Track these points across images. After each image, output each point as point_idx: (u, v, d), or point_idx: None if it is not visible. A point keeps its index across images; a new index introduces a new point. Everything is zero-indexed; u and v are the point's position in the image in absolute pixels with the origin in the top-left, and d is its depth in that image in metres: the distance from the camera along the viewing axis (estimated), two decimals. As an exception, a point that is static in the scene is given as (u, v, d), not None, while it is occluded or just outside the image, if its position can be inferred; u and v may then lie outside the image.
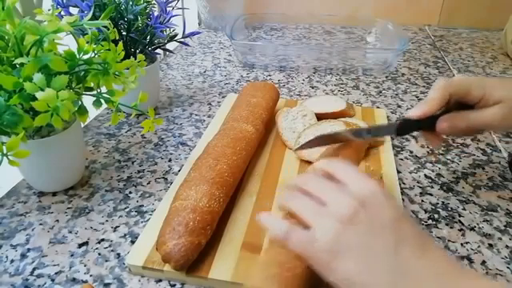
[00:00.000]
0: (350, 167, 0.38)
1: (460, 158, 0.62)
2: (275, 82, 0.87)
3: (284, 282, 0.34)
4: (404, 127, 0.47)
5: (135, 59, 0.52)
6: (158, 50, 0.71)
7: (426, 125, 0.47)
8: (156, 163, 0.60)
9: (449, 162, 0.61)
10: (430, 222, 0.50)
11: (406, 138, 0.67)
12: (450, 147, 0.65)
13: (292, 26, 1.22)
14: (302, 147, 0.51)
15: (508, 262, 0.45)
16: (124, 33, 0.64)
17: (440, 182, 0.57)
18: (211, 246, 0.44)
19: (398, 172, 0.58)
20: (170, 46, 0.73)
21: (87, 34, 0.48)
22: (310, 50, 1.01)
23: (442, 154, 0.63)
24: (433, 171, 0.59)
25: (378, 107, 0.77)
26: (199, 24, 1.25)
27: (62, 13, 0.59)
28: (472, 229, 0.49)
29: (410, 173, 0.59)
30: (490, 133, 0.69)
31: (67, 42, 0.46)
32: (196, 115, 0.73)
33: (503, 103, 0.45)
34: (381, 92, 0.83)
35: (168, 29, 0.68)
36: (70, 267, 0.43)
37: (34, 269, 0.43)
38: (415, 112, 0.46)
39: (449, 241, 0.47)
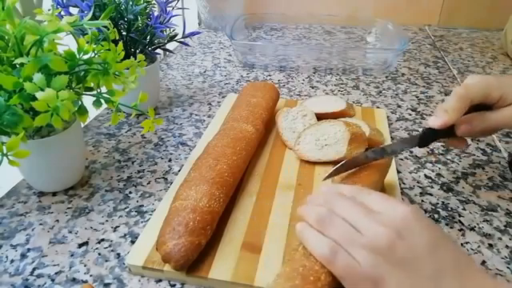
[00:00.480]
0: (378, 195, 0.37)
1: (460, 158, 0.62)
2: (275, 82, 0.87)
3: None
4: (425, 138, 0.48)
5: (135, 59, 0.52)
6: (158, 50, 0.71)
7: (445, 131, 0.47)
8: (156, 163, 0.60)
9: (449, 161, 0.61)
10: (430, 222, 0.50)
11: (406, 138, 0.67)
12: (450, 147, 0.65)
13: (292, 26, 1.22)
14: (330, 176, 0.49)
15: (508, 262, 0.45)
16: (124, 33, 0.64)
17: (440, 182, 0.57)
18: (211, 246, 0.44)
19: (398, 172, 0.58)
20: (170, 46, 0.73)
21: (87, 34, 0.48)
22: (310, 50, 1.01)
23: (441, 154, 0.63)
24: (433, 171, 0.59)
25: (377, 107, 0.77)
26: (199, 24, 1.25)
27: (62, 13, 0.59)
28: (472, 229, 0.49)
29: (410, 173, 0.59)
30: (490, 133, 0.69)
31: (67, 42, 0.46)
32: (196, 115, 0.73)
33: None
34: (381, 92, 0.83)
35: (168, 29, 0.68)
36: (70, 267, 0.43)
37: (34, 269, 0.43)
38: (436, 122, 0.45)
39: (449, 241, 0.47)
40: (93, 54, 0.47)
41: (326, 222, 0.36)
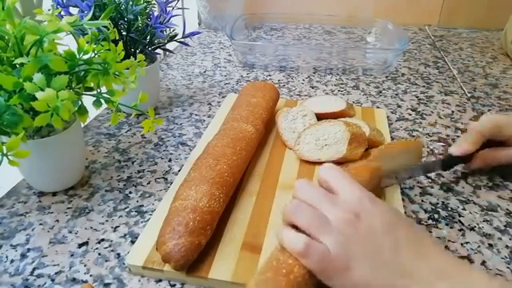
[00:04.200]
0: (339, 174, 0.40)
1: (460, 158, 0.62)
2: (275, 82, 0.87)
3: (277, 286, 0.34)
4: (447, 163, 0.56)
5: (135, 59, 0.52)
6: (158, 50, 0.71)
7: (463, 159, 0.56)
8: (156, 163, 0.60)
9: (449, 162, 0.61)
10: (430, 221, 0.50)
11: (405, 138, 0.67)
12: (450, 147, 0.64)
13: (292, 26, 1.22)
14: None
15: (508, 262, 0.45)
16: (124, 33, 0.64)
17: (440, 182, 0.57)
18: (211, 246, 0.44)
19: (398, 172, 0.58)
20: (170, 46, 0.73)
21: (87, 33, 0.48)
22: (310, 50, 1.01)
23: (441, 154, 0.63)
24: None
25: (378, 107, 0.77)
26: (199, 24, 1.25)
27: (62, 13, 0.59)
28: (472, 229, 0.49)
29: (410, 173, 0.59)
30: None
31: (67, 42, 0.46)
32: (196, 115, 0.73)
33: None
34: (381, 92, 0.83)
35: (168, 29, 0.68)
36: (70, 267, 0.43)
37: (34, 269, 0.43)
38: (457, 150, 0.55)
39: (449, 241, 0.47)
40: (93, 54, 0.47)
41: (295, 213, 0.38)
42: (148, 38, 0.67)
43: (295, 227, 0.37)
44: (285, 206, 0.39)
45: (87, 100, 0.49)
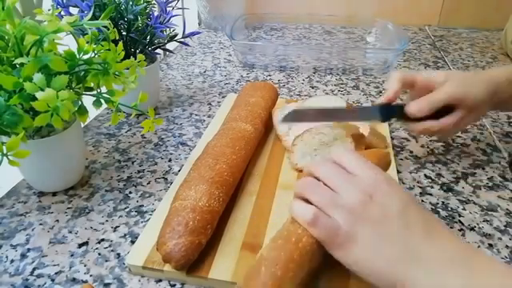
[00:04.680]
0: (355, 156, 0.41)
1: (460, 158, 0.62)
2: (275, 82, 0.87)
3: (287, 252, 0.35)
4: (384, 112, 0.56)
5: (135, 59, 0.52)
6: (158, 50, 0.71)
7: (400, 112, 0.56)
8: (156, 163, 0.60)
9: (449, 162, 0.61)
10: (430, 221, 0.50)
11: (405, 138, 0.67)
12: (450, 147, 0.65)
13: (292, 26, 1.22)
14: (286, 119, 0.55)
15: (508, 262, 0.45)
16: (124, 33, 0.64)
17: (440, 182, 0.57)
18: (211, 246, 0.44)
19: (398, 172, 0.58)
20: (170, 46, 0.73)
21: (87, 33, 0.48)
22: (310, 50, 1.01)
23: (441, 154, 0.63)
24: (433, 171, 0.59)
25: (377, 107, 0.77)
26: (199, 24, 1.25)
27: (62, 13, 0.59)
28: (472, 229, 0.49)
29: (410, 173, 0.59)
30: (489, 133, 0.69)
31: (67, 42, 0.46)
32: (196, 115, 0.73)
33: (450, 80, 0.54)
34: (381, 92, 0.83)
35: (168, 29, 0.68)
36: (70, 267, 0.43)
37: (34, 269, 0.43)
38: (381, 99, 0.57)
39: (449, 241, 0.47)
40: (93, 54, 0.47)
41: (309, 189, 0.39)
42: (148, 38, 0.67)
43: (307, 200, 0.39)
44: (299, 181, 0.40)
45: (87, 100, 0.49)
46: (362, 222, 0.35)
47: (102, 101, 0.48)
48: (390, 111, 0.57)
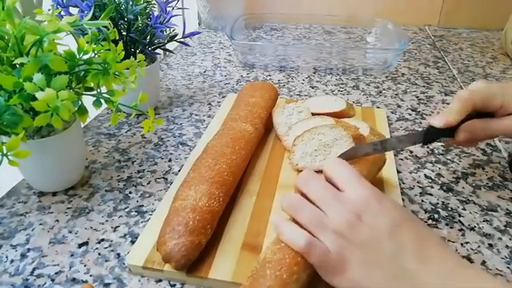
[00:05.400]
0: (346, 170, 0.39)
1: (460, 158, 0.62)
2: (275, 82, 0.87)
3: (278, 281, 0.35)
4: (428, 136, 0.48)
5: (135, 59, 0.52)
6: (158, 50, 0.71)
7: (447, 132, 0.48)
8: (156, 163, 0.60)
9: (449, 161, 0.61)
10: (429, 222, 0.50)
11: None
12: (449, 147, 0.65)
13: (292, 26, 1.22)
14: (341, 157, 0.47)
15: (508, 262, 0.45)
16: (124, 33, 0.64)
17: (440, 182, 0.57)
18: (211, 246, 0.44)
19: (398, 172, 0.58)
20: (170, 46, 0.73)
21: (87, 34, 0.48)
22: (310, 50, 1.01)
23: (441, 154, 0.63)
24: (433, 171, 0.59)
25: (378, 107, 0.77)
26: (199, 24, 1.25)
27: (62, 13, 0.59)
28: (472, 229, 0.49)
29: (410, 173, 0.59)
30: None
31: (67, 42, 0.46)
32: (196, 115, 0.73)
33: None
34: (381, 92, 0.83)
35: (168, 29, 0.68)
36: (70, 267, 0.43)
37: (34, 269, 0.43)
38: (439, 121, 0.47)
39: (449, 241, 0.47)
40: (93, 54, 0.47)
41: (296, 208, 0.37)
42: (148, 38, 0.67)
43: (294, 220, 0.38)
44: (285, 198, 0.39)
45: (87, 100, 0.49)
46: (351, 246, 0.34)
47: (102, 101, 0.48)
48: (433, 136, 0.49)
